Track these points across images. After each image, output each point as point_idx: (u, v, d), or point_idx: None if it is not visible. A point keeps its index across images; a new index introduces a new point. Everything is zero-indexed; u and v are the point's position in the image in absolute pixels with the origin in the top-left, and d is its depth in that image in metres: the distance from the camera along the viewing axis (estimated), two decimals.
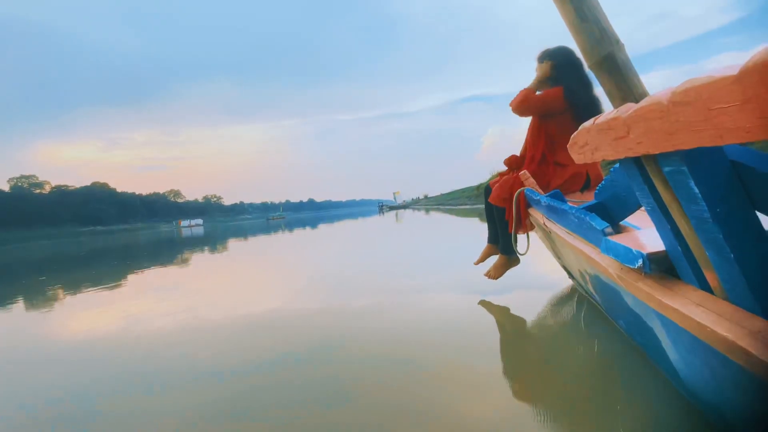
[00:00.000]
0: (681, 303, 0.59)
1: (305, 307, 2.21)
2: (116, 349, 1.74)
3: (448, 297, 2.18)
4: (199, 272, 4.49)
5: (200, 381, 1.30)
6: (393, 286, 2.56)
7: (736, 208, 0.50)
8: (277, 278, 3.57)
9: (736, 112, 0.33)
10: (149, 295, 3.05)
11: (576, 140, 0.64)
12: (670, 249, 0.65)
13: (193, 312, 2.28)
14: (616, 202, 0.95)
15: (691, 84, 0.37)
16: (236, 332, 1.83)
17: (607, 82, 0.54)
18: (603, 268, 0.84)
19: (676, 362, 0.75)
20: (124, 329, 2.04)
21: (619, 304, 1.00)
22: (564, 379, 1.11)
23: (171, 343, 1.75)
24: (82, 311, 2.74)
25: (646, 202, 0.63)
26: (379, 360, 1.35)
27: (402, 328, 1.68)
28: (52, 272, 5.92)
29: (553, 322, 1.63)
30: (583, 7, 0.54)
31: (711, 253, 0.53)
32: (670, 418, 0.86)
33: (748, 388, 0.54)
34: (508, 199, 1.84)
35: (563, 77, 1.83)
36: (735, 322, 0.51)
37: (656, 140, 0.44)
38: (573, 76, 1.81)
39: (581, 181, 1.86)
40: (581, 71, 1.82)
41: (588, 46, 0.55)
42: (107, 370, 1.49)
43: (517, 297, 2.04)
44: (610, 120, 0.52)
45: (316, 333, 1.72)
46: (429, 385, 1.13)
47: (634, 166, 0.59)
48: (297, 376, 1.27)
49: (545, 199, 1.38)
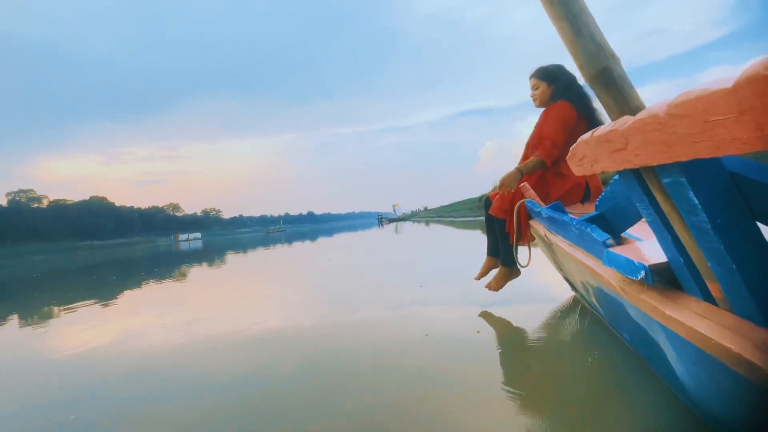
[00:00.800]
0: (684, 315, 0.59)
1: (309, 321, 2.19)
2: (101, 368, 1.71)
3: (449, 309, 2.16)
4: (194, 290, 4.45)
5: (198, 395, 1.28)
6: (395, 298, 2.54)
7: (736, 218, 0.50)
8: (275, 294, 3.54)
9: (732, 124, 0.34)
10: (138, 321, 2.72)
11: (575, 152, 0.65)
12: (672, 260, 0.65)
13: (188, 331, 2.25)
14: (616, 214, 0.95)
15: (687, 96, 0.38)
16: (238, 347, 1.80)
17: (604, 95, 0.55)
18: (605, 280, 0.84)
19: (681, 374, 0.74)
20: (109, 356, 2.01)
21: (622, 316, 0.99)
22: (567, 392, 1.10)
23: (165, 364, 1.73)
24: (62, 334, 2.70)
25: (646, 213, 0.63)
26: (382, 370, 1.34)
27: (403, 339, 1.67)
28: (28, 293, 5.50)
29: (556, 334, 1.61)
30: (578, 23, 0.56)
31: (713, 264, 0.53)
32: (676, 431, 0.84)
33: (754, 400, 0.53)
34: (508, 210, 1.85)
35: (564, 95, 1.84)
36: (739, 333, 0.51)
37: (654, 152, 0.45)
38: (576, 92, 1.83)
39: (581, 192, 1.86)
40: (579, 87, 1.84)
41: (584, 61, 0.56)
42: (101, 383, 1.47)
43: (520, 309, 2.02)
44: (609, 132, 0.52)
45: (322, 345, 1.70)
46: (430, 395, 1.12)
47: (633, 177, 0.59)
48: (303, 387, 1.25)
49: (546, 211, 1.39)
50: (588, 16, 0.56)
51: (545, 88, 1.90)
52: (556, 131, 1.79)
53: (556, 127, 1.79)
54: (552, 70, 1.90)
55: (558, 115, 1.80)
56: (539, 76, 1.92)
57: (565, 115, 1.79)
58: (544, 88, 1.91)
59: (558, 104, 1.82)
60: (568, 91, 1.84)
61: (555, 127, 1.79)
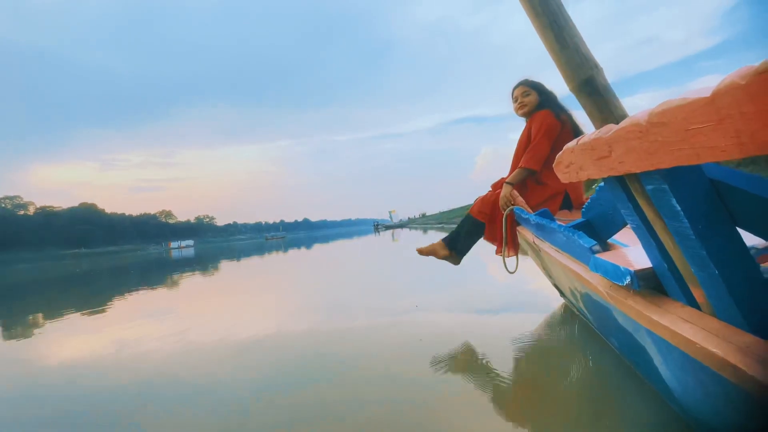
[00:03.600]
0: (669, 320, 0.60)
1: (313, 327, 2.17)
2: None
3: (442, 316, 2.16)
4: (182, 301, 4.38)
5: (195, 403, 1.25)
6: (389, 306, 2.53)
7: (717, 224, 0.51)
8: (267, 303, 3.50)
9: (712, 132, 0.35)
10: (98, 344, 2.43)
11: (561, 160, 0.66)
12: (657, 266, 0.65)
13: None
14: (602, 220, 0.96)
15: (667, 105, 0.39)
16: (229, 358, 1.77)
17: (588, 104, 0.56)
18: (593, 286, 0.85)
19: (668, 379, 0.75)
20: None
21: (610, 322, 1.00)
22: (557, 398, 1.10)
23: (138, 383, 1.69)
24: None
25: (631, 219, 0.64)
26: (375, 379, 1.34)
27: (397, 346, 1.66)
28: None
29: (546, 340, 1.62)
30: (563, 35, 0.57)
31: (696, 269, 0.54)
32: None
33: (740, 404, 0.54)
34: (488, 214, 1.90)
35: (547, 104, 1.93)
36: (723, 338, 0.52)
37: (637, 160, 0.46)
38: (556, 102, 1.94)
39: (560, 200, 1.89)
40: (558, 100, 1.96)
41: (569, 71, 0.57)
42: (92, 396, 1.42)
43: (510, 316, 2.03)
44: (593, 140, 0.53)
45: (322, 351, 1.68)
46: (426, 402, 1.12)
47: (618, 184, 0.60)
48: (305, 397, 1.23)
49: (534, 218, 1.40)
50: (573, 28, 0.57)
51: (535, 96, 1.97)
52: (542, 140, 1.85)
53: (543, 136, 1.85)
54: (535, 81, 2.01)
55: (542, 124, 1.87)
56: (529, 85, 2.00)
57: (550, 123, 1.85)
58: (535, 96, 1.97)
59: (542, 113, 1.89)
60: (551, 101, 1.93)
61: (541, 135, 1.85)
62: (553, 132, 1.84)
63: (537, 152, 1.84)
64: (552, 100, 1.94)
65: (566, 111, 1.91)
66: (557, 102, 1.94)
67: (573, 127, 1.89)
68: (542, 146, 1.83)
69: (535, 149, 1.84)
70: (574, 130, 1.88)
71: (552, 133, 1.84)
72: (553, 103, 1.93)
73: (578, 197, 1.92)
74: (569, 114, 1.91)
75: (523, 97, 1.99)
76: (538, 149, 1.84)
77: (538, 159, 1.84)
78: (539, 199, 1.87)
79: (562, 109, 1.90)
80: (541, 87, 1.98)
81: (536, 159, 1.84)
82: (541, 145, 1.84)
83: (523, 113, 2.01)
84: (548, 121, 1.85)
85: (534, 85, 1.99)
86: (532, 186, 1.91)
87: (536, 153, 1.84)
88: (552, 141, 1.85)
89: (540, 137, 1.84)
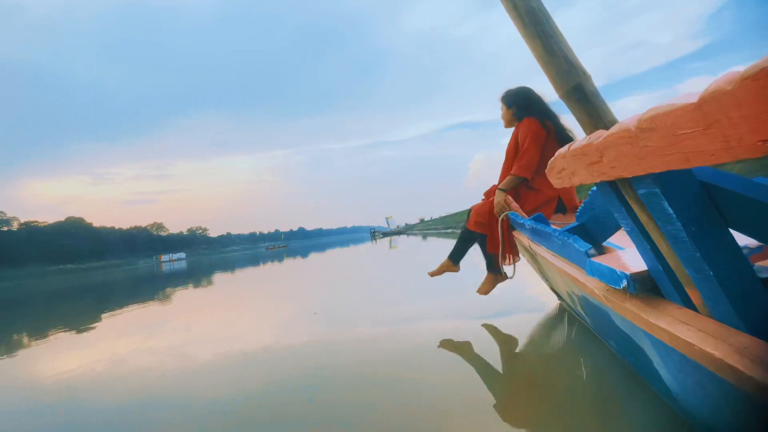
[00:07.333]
0: (667, 321, 0.60)
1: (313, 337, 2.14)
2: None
3: (442, 322, 2.15)
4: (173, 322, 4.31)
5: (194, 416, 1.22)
6: (389, 313, 2.51)
7: (710, 226, 0.51)
8: (262, 315, 3.46)
9: (700, 137, 0.35)
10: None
11: (553, 166, 0.66)
12: (652, 268, 0.66)
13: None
14: (596, 224, 0.97)
15: (655, 111, 0.39)
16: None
17: (578, 110, 0.57)
18: (589, 290, 0.85)
19: (667, 380, 0.75)
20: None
21: (607, 324, 1.00)
22: (557, 399, 1.09)
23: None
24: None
25: (624, 223, 0.64)
26: (377, 382, 1.34)
27: (398, 351, 1.64)
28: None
29: (544, 343, 1.62)
30: (551, 43, 0.58)
31: (690, 271, 0.54)
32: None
33: (738, 404, 0.54)
34: (485, 224, 1.91)
35: (527, 113, 1.94)
36: (720, 338, 0.52)
37: (628, 164, 0.46)
38: (539, 108, 1.93)
39: (554, 205, 1.91)
40: (544, 105, 1.94)
41: (557, 78, 0.58)
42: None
43: (508, 319, 2.03)
44: (584, 146, 0.54)
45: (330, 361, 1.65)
46: (425, 404, 1.11)
47: (610, 189, 0.61)
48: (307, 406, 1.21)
49: (529, 222, 1.40)
50: (560, 37, 0.58)
51: (505, 110, 2.02)
52: (530, 147, 1.87)
53: (530, 143, 1.87)
54: (512, 92, 2.01)
55: (527, 132, 1.88)
56: (502, 99, 2.04)
57: (534, 130, 1.87)
58: (505, 110, 2.02)
59: (526, 121, 1.91)
60: (531, 109, 1.93)
61: (529, 143, 1.87)
62: (539, 138, 1.86)
63: (527, 160, 1.86)
64: (534, 108, 1.93)
65: (552, 117, 1.91)
66: (541, 108, 1.93)
67: (560, 133, 1.89)
68: (531, 153, 1.85)
69: (524, 157, 1.86)
70: (561, 135, 1.88)
71: (539, 139, 1.86)
72: (536, 110, 1.92)
73: (571, 200, 1.94)
74: (556, 119, 1.91)
75: (502, 111, 2.05)
76: (527, 157, 1.86)
77: (528, 166, 1.86)
78: (533, 205, 1.88)
79: (547, 115, 1.91)
80: (517, 98, 1.98)
81: (527, 166, 1.86)
82: (530, 152, 1.85)
83: (505, 126, 2.06)
84: (533, 128, 1.86)
85: (505, 97, 2.01)
86: (524, 192, 1.92)
87: (526, 160, 1.86)
88: (540, 147, 1.86)
89: (528, 144, 1.86)
